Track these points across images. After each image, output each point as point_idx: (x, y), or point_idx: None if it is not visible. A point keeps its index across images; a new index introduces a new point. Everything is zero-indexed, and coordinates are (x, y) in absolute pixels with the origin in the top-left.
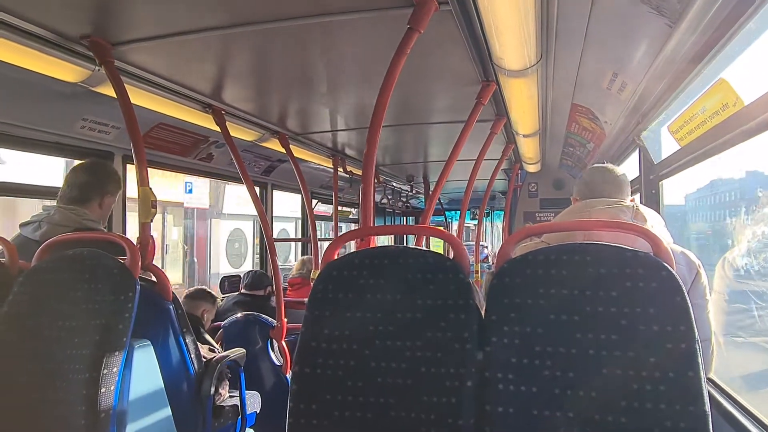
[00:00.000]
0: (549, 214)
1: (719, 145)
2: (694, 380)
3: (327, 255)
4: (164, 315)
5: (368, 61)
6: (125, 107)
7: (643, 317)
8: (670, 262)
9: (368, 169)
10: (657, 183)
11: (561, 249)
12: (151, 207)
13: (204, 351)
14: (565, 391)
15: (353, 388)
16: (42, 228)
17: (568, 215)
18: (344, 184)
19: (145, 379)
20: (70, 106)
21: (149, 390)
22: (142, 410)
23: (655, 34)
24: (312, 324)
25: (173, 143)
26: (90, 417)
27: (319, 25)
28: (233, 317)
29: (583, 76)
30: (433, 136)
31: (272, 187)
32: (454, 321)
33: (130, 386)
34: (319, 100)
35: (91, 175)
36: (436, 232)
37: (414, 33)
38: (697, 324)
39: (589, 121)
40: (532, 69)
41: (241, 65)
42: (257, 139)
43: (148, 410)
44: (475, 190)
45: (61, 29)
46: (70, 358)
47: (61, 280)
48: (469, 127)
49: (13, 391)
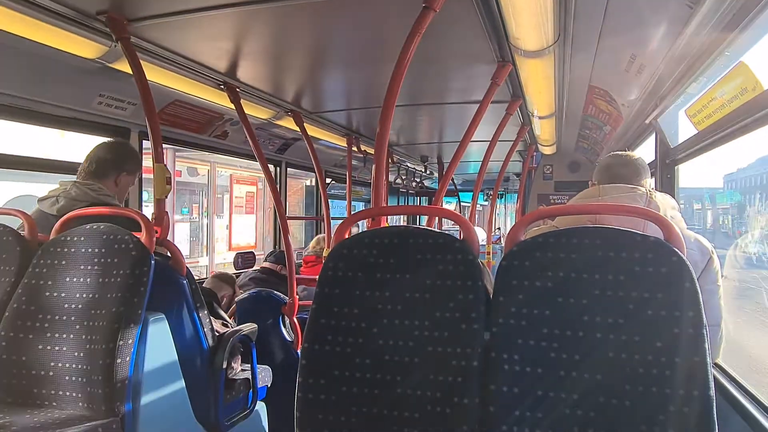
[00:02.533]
0: (564, 196)
1: (738, 130)
2: (700, 365)
3: (338, 234)
4: (179, 289)
5: (383, 40)
6: (141, 83)
7: (652, 302)
8: (681, 247)
9: (381, 148)
10: (673, 167)
11: (570, 232)
12: (165, 183)
13: (217, 325)
14: (571, 373)
15: (361, 365)
16: (59, 203)
17: (582, 199)
18: (358, 164)
19: (160, 351)
20: (88, 82)
21: (163, 362)
22: (156, 381)
23: (675, 15)
24: (322, 301)
25: (188, 120)
26: (106, 387)
27: (334, 3)
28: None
29: (600, 58)
30: (448, 117)
31: (286, 165)
32: (462, 301)
33: (145, 358)
34: (333, 78)
35: (110, 152)
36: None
37: (429, 12)
38: (706, 309)
39: (606, 104)
40: (549, 49)
41: (256, 43)
42: (272, 117)
43: (163, 381)
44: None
45: (78, 5)
46: (88, 329)
47: (78, 253)
48: (483, 107)
49: (31, 360)
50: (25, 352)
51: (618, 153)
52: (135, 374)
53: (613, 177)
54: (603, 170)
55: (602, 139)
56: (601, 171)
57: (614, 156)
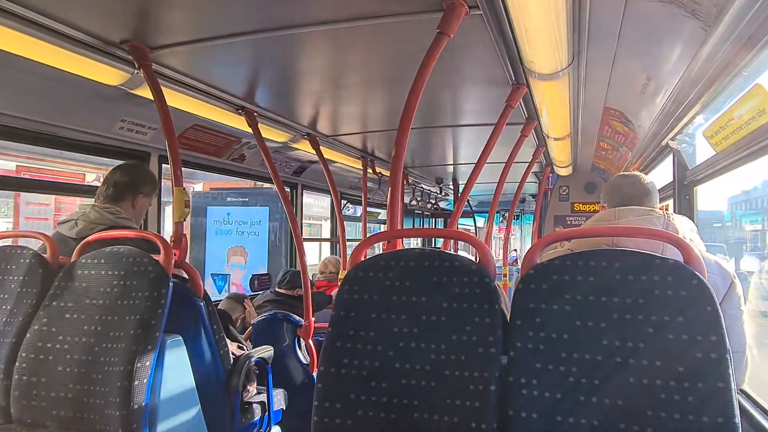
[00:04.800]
0: (580, 218)
1: (757, 152)
2: (724, 391)
3: (354, 256)
4: (196, 311)
5: (398, 64)
6: (161, 109)
7: (672, 326)
8: (701, 270)
9: (396, 171)
10: (691, 189)
11: (588, 255)
12: (185, 207)
13: (233, 348)
14: (590, 398)
15: (377, 389)
16: (78, 226)
17: (597, 222)
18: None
19: (177, 373)
20: (110, 108)
21: (180, 384)
22: (172, 403)
23: (689, 37)
24: (338, 324)
25: (207, 144)
26: (123, 408)
27: (350, 29)
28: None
29: (615, 80)
30: (463, 139)
31: (302, 187)
32: (478, 325)
33: (162, 380)
34: (349, 102)
35: (126, 174)
36: (462, 235)
37: (444, 37)
38: (730, 335)
39: (622, 125)
40: (563, 72)
41: (273, 69)
42: (288, 141)
43: (179, 403)
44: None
45: (103, 34)
46: (106, 351)
47: (98, 276)
48: (498, 129)
49: (51, 381)
50: (45, 374)
51: (625, 174)
52: (152, 397)
53: (624, 198)
54: (612, 191)
55: (619, 159)
56: (611, 192)
57: (622, 177)
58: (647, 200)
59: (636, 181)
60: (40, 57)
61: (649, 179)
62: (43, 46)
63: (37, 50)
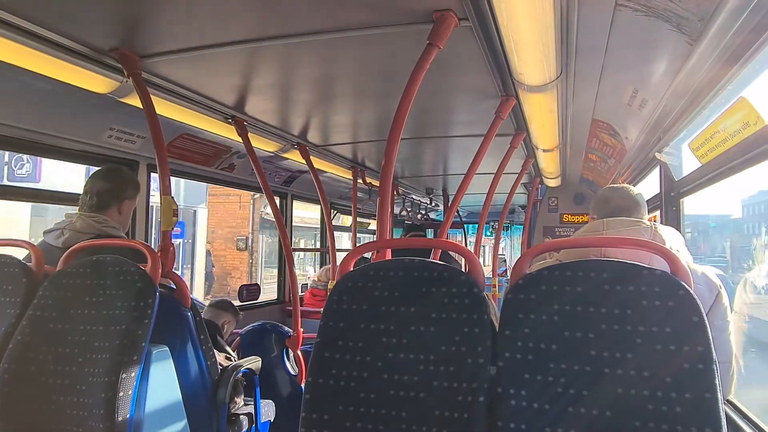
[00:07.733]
0: (569, 229)
1: (741, 164)
2: (710, 402)
3: (343, 266)
4: (182, 322)
5: (388, 75)
6: (151, 117)
7: (660, 336)
8: (687, 281)
9: (386, 181)
10: (678, 200)
11: (576, 265)
12: (173, 215)
13: (220, 359)
14: (579, 409)
15: (365, 400)
16: (65, 235)
17: (586, 233)
18: (363, 196)
19: (163, 384)
20: (99, 116)
21: (166, 395)
22: (158, 415)
23: (675, 51)
24: (326, 334)
25: (196, 153)
26: (107, 420)
27: (341, 39)
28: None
29: (603, 92)
30: (453, 150)
31: (292, 197)
32: (467, 335)
33: (148, 391)
34: (340, 112)
35: (108, 181)
36: (452, 245)
37: (433, 48)
38: (716, 345)
39: (610, 137)
40: (552, 84)
41: (264, 78)
42: (278, 150)
43: (165, 415)
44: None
45: (92, 42)
46: (91, 361)
47: (84, 285)
48: (488, 141)
49: (34, 392)
50: (28, 385)
51: (615, 186)
52: (137, 409)
53: (614, 210)
54: (602, 203)
55: (607, 171)
56: (600, 204)
57: (612, 189)
58: (636, 212)
59: (625, 193)
60: (28, 64)
61: (637, 191)
62: (31, 53)
63: (25, 58)
